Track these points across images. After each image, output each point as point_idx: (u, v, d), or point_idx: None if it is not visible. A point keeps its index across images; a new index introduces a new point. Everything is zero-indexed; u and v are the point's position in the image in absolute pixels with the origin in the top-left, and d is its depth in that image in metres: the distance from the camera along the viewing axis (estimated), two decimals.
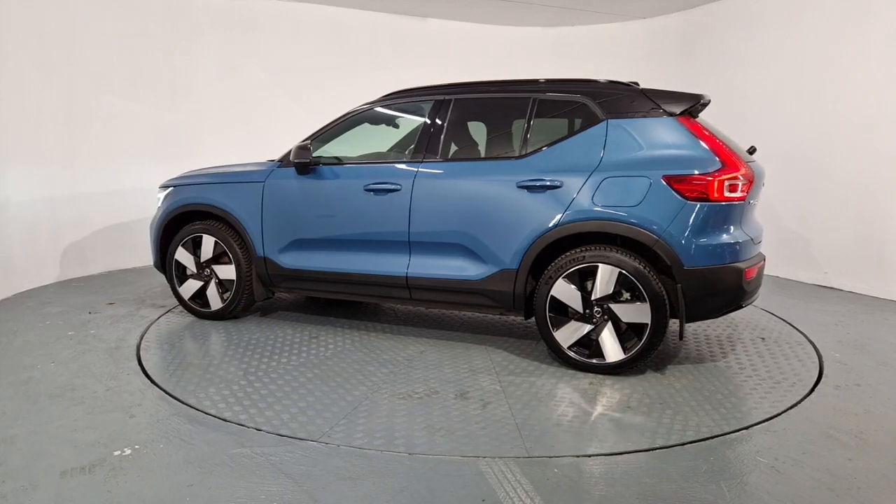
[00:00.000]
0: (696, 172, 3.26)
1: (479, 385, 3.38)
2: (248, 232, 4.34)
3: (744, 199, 3.34)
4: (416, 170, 3.88)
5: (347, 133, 4.35)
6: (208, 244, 4.44)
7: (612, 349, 3.42)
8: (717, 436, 2.77)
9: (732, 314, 4.24)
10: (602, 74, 3.73)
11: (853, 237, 5.51)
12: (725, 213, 3.31)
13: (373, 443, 2.71)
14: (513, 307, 3.70)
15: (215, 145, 6.91)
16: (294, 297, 5.28)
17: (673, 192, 3.27)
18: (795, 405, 3.11)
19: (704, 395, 3.25)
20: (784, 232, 6.11)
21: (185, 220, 4.60)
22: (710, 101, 3.60)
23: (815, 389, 3.32)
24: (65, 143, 5.92)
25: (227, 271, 4.44)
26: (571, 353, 3.52)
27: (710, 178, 3.23)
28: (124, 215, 6.44)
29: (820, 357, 3.82)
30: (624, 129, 3.47)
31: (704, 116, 3.84)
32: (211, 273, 4.50)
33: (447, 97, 3.99)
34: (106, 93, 6.17)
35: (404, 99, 4.20)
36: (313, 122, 5.91)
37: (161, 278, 5.94)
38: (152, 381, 3.38)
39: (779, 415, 2.99)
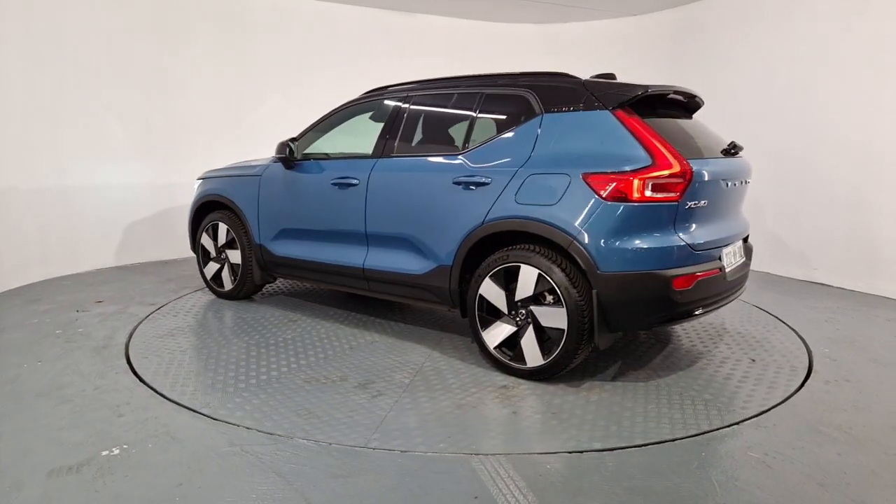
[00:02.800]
0: (617, 170, 3.01)
1: (391, 377, 3.42)
2: (248, 221, 4.73)
3: (676, 200, 3.02)
4: (371, 165, 3.99)
5: (334, 129, 4.54)
6: (222, 231, 4.91)
7: (531, 353, 3.27)
8: (707, 431, 2.77)
9: (720, 310, 4.05)
10: (591, 70, 3.66)
11: (843, 234, 5.54)
12: (650, 216, 3.02)
13: (263, 424, 2.84)
14: (451, 303, 3.67)
15: (206, 141, 6.86)
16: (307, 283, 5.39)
17: (591, 190, 3.05)
18: (785, 400, 3.12)
19: (646, 398, 3.19)
20: (775, 228, 6.14)
21: (211, 209, 5.07)
22: (660, 91, 3.31)
23: (805, 385, 3.33)
24: (53, 138, 5.85)
25: (235, 256, 4.87)
26: (497, 354, 3.42)
27: (629, 177, 2.97)
28: (114, 212, 6.38)
29: (810, 353, 3.84)
30: (556, 123, 3.31)
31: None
32: (225, 257, 4.95)
33: (408, 94, 4.09)
34: (95, 86, 6.11)
35: (378, 96, 4.31)
36: (304, 117, 5.90)
37: (151, 276, 5.92)
38: (141, 380, 3.35)
39: (769, 410, 3.00)
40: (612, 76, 3.55)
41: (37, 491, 2.27)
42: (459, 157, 3.60)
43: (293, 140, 4.45)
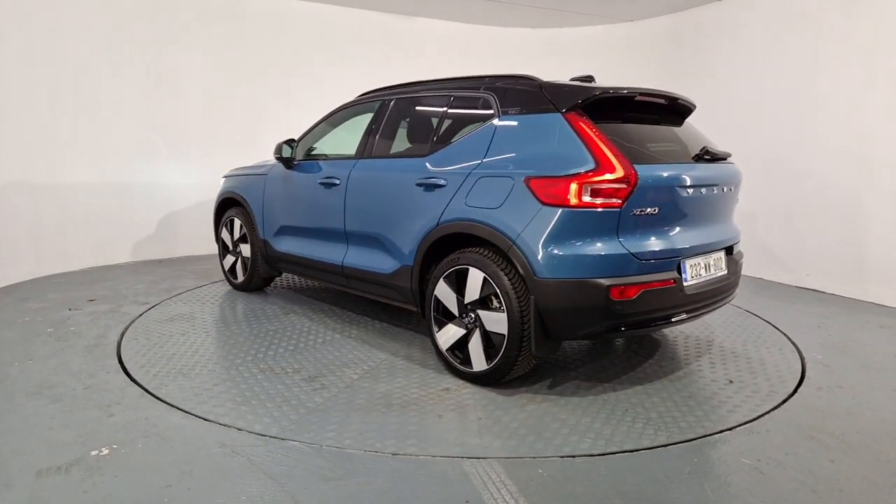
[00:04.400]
0: (557, 174, 2.92)
1: (342, 371, 3.50)
2: (255, 217, 4.98)
3: (618, 207, 2.87)
4: (352, 166, 4.10)
5: (331, 130, 4.67)
6: (237, 226, 5.21)
7: (477, 357, 3.24)
8: (700, 437, 2.77)
9: (712, 315, 3.95)
10: (581, 74, 3.65)
11: (835, 240, 5.57)
12: (589, 222, 2.89)
13: (196, 407, 3.00)
14: (415, 304, 3.69)
15: (202, 141, 6.84)
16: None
17: (531, 194, 2.98)
18: (778, 406, 3.12)
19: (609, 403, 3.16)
20: (767, 234, 6.16)
21: (231, 205, 5.35)
22: (619, 93, 3.13)
23: (798, 391, 3.33)
24: (47, 136, 5.82)
25: (247, 250, 5.16)
26: (448, 356, 3.41)
27: (567, 181, 2.87)
28: (107, 210, 6.35)
29: (802, 358, 3.84)
30: (509, 126, 3.28)
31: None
32: (239, 251, 5.25)
33: (389, 96, 4.17)
34: (91, 85, 6.08)
35: (369, 99, 4.41)
36: (300, 118, 5.91)
37: (144, 276, 5.90)
38: (132, 379, 3.32)
39: (761, 416, 3.00)
40: (590, 79, 3.50)
41: (25, 491, 2.24)
42: (424, 159, 3.63)
43: (291, 141, 4.66)
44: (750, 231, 6.18)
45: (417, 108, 4.03)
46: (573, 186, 2.86)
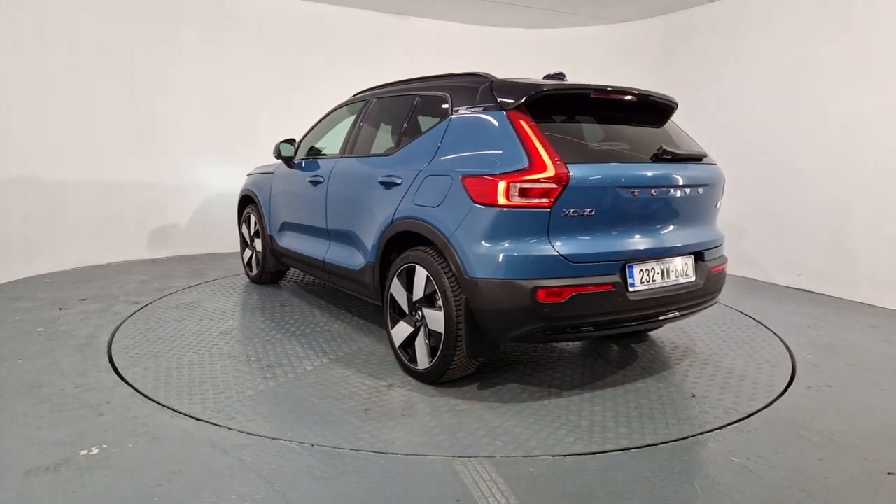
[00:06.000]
0: (490, 173, 2.89)
1: (300, 363, 3.59)
2: (263, 214, 5.20)
3: (548, 207, 2.79)
4: (333, 165, 4.21)
5: (327, 129, 4.77)
6: (253, 222, 5.48)
7: (421, 355, 3.25)
8: (690, 436, 2.78)
9: (697, 316, 3.79)
10: (578, 74, 3.67)
11: (826, 241, 5.60)
12: (518, 222, 2.83)
13: (147, 388, 3.19)
14: (378, 300, 3.72)
15: (193, 139, 6.81)
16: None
17: (465, 193, 2.96)
18: (768, 406, 3.14)
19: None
20: (759, 234, 6.19)
21: (249, 202, 5.58)
22: (550, 90, 3.03)
23: (788, 390, 3.35)
24: (38, 134, 5.78)
25: (259, 245, 5.39)
26: (400, 353, 3.43)
27: (496, 180, 2.83)
28: (98, 209, 6.32)
29: (792, 358, 3.86)
30: (458, 124, 3.27)
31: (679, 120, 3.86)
32: (254, 245, 5.50)
33: (372, 96, 4.26)
34: (81, 83, 6.05)
35: (357, 98, 4.50)
36: (293, 118, 5.90)
37: (136, 275, 5.88)
38: (123, 379, 3.31)
39: (751, 415, 3.01)
40: (561, 76, 3.47)
41: (13, 491, 2.23)
42: (388, 157, 3.68)
43: (291, 140, 4.79)
44: (742, 231, 6.21)
45: (390, 107, 4.08)
46: (501, 185, 2.82)
